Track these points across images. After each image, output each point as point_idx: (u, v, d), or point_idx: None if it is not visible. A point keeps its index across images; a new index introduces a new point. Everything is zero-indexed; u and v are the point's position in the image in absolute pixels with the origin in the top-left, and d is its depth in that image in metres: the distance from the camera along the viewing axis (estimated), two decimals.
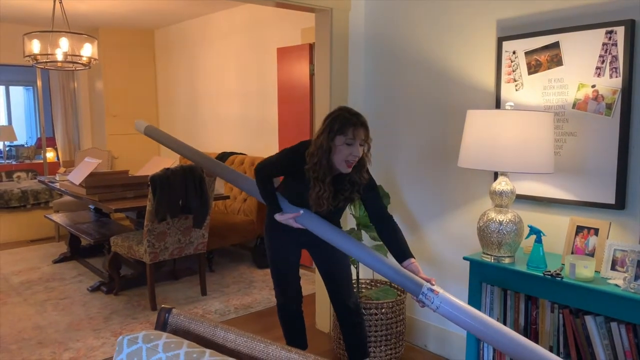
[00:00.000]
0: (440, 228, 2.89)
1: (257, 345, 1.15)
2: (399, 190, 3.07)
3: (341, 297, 2.43)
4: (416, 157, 2.98)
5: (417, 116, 2.95)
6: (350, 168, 2.05)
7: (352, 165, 2.05)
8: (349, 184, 2.13)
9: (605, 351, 1.89)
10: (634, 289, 1.81)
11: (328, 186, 2.07)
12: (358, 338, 2.48)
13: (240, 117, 5.51)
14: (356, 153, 2.02)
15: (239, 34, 5.39)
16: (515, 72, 2.45)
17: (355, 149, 2.01)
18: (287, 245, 2.37)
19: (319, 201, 2.09)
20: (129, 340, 1.14)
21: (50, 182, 5.03)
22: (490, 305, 2.26)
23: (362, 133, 2.02)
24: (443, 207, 2.86)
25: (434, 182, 2.89)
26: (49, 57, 4.38)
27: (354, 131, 2.01)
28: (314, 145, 2.08)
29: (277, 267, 2.43)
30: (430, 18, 2.83)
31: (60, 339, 3.18)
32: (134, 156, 6.52)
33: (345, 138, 2.01)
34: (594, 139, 2.19)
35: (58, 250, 5.16)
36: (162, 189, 3.48)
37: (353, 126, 2.01)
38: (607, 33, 2.11)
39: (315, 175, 2.07)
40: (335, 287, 2.43)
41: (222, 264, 4.76)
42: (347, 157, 2.02)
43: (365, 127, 2.05)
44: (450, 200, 2.81)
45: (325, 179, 2.06)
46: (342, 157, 2.02)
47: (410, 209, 3.04)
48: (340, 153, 2.02)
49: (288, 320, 2.54)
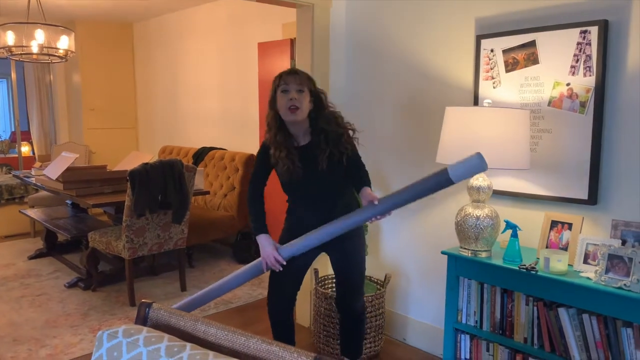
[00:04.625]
0: (419, 223, 2.93)
1: (238, 339, 1.16)
2: (378, 184, 3.10)
3: (348, 302, 2.40)
4: (395, 152, 3.01)
5: (397, 112, 2.98)
6: (293, 112, 2.07)
7: (296, 109, 2.07)
8: (322, 135, 2.13)
9: (577, 342, 1.95)
10: (605, 281, 1.87)
11: (291, 150, 2.12)
12: (355, 341, 2.47)
13: (220, 112, 5.47)
14: (292, 96, 2.06)
15: (220, 28, 5.35)
16: (493, 69, 2.49)
17: (292, 93, 2.07)
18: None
19: (292, 169, 2.12)
20: (109, 334, 1.14)
21: (25, 177, 4.93)
22: (467, 298, 2.31)
23: (293, 78, 2.09)
24: (421, 202, 2.87)
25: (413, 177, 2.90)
26: (23, 49, 4.29)
27: (285, 78, 2.10)
28: (266, 119, 2.20)
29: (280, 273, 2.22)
30: (411, 15, 2.86)
31: (36, 336, 3.13)
32: (112, 151, 6.43)
33: (280, 88, 2.09)
34: (568, 136, 2.24)
35: (33, 247, 5.07)
36: (141, 184, 3.45)
37: (282, 75, 2.11)
38: (582, 33, 2.16)
39: (275, 145, 2.13)
40: (345, 290, 2.39)
41: (202, 260, 4.74)
42: (287, 103, 2.07)
43: (296, 73, 2.12)
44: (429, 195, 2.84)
45: (284, 142, 2.13)
46: (284, 105, 2.08)
47: None
48: (281, 104, 2.09)
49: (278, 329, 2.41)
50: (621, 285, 1.83)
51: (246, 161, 4.79)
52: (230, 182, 4.87)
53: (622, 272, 1.84)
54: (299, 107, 2.07)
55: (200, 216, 4.59)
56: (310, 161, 2.14)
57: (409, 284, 3.03)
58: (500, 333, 2.21)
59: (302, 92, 2.08)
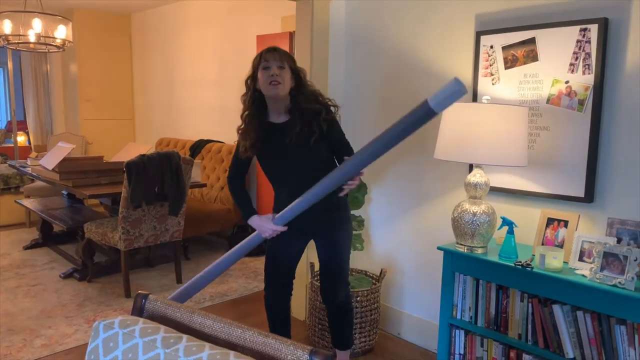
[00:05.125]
0: (416, 218, 2.93)
1: (235, 331, 1.16)
2: (375, 180, 3.10)
3: (331, 292, 2.39)
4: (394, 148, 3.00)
5: (395, 107, 2.97)
6: (275, 86, 2.07)
7: (278, 84, 2.07)
8: (298, 112, 2.13)
9: (571, 339, 1.96)
10: (600, 279, 1.88)
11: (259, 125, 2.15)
12: (343, 332, 2.48)
13: (218, 104, 5.46)
14: (274, 72, 2.06)
15: (218, 20, 5.33)
16: (492, 66, 2.49)
17: (273, 69, 2.07)
18: (289, 239, 2.26)
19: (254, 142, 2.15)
20: (105, 325, 1.13)
21: (21, 167, 4.90)
22: (462, 294, 2.31)
23: (273, 55, 2.09)
24: (419, 197, 2.90)
25: (411, 173, 2.93)
26: (20, 38, 4.26)
27: (265, 55, 2.10)
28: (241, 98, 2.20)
29: (273, 262, 2.35)
30: (411, 10, 2.85)
31: (31, 326, 3.13)
32: (108, 142, 6.41)
33: (261, 66, 2.10)
34: (566, 134, 2.24)
35: (29, 237, 5.06)
36: (137, 176, 3.44)
37: (264, 52, 2.11)
38: (582, 30, 2.16)
39: (245, 120, 2.18)
40: (328, 281, 2.38)
41: (198, 252, 4.74)
42: (268, 79, 2.07)
43: (276, 50, 2.11)
44: (426, 191, 2.86)
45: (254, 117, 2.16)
46: (265, 81, 2.08)
47: (386, 199, 3.08)
48: (262, 80, 2.09)
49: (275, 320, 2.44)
50: (616, 283, 1.83)
51: None
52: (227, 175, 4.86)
53: (617, 270, 1.85)
54: (280, 82, 2.08)
55: (197, 208, 4.59)
56: (283, 139, 2.15)
57: (405, 279, 3.04)
58: (494, 329, 2.22)
59: (282, 69, 2.09)
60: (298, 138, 2.12)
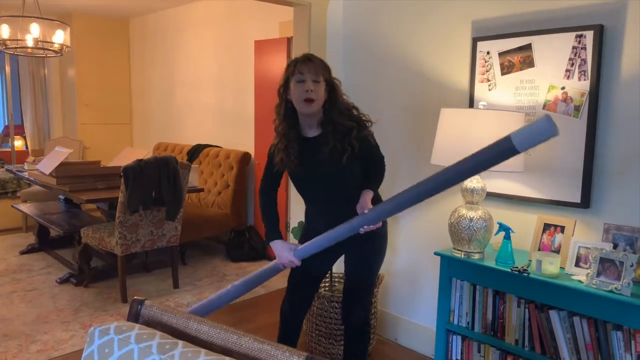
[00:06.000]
0: (413, 223, 2.94)
1: (230, 337, 1.15)
2: None
3: (352, 312, 2.24)
4: (391, 152, 3.00)
5: (392, 112, 2.98)
6: (309, 104, 1.93)
7: (311, 101, 1.93)
8: (330, 126, 1.99)
9: (568, 344, 1.96)
10: (596, 284, 1.88)
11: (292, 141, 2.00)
12: (357, 355, 2.32)
13: (216, 109, 5.46)
14: (308, 87, 1.92)
15: (217, 26, 5.34)
16: (489, 72, 2.50)
17: (307, 84, 1.92)
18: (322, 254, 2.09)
19: (286, 161, 2.01)
20: (100, 331, 1.13)
21: (18, 171, 4.89)
22: (459, 299, 2.31)
23: (308, 67, 1.94)
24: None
25: (408, 177, 2.93)
26: (18, 43, 4.26)
27: (300, 67, 1.95)
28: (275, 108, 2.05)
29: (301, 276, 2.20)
30: (407, 16, 2.86)
31: (27, 331, 3.12)
32: (106, 146, 6.40)
33: (295, 77, 1.95)
34: (562, 140, 2.25)
35: (25, 241, 5.04)
36: (134, 180, 3.44)
37: (297, 63, 1.96)
38: (577, 37, 2.17)
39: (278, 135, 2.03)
40: (351, 299, 2.24)
41: (195, 257, 4.73)
42: (302, 95, 1.93)
43: (312, 60, 1.96)
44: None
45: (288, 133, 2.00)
46: (299, 97, 1.94)
47: None
48: (295, 95, 1.95)
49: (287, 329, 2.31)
50: (612, 289, 1.84)
51: (241, 159, 4.79)
52: (224, 180, 4.86)
53: (613, 276, 1.86)
54: (315, 99, 1.93)
55: (194, 213, 4.58)
56: (314, 154, 2.01)
57: (402, 284, 3.03)
58: (491, 334, 2.22)
59: (317, 83, 1.94)
60: (331, 155, 1.98)
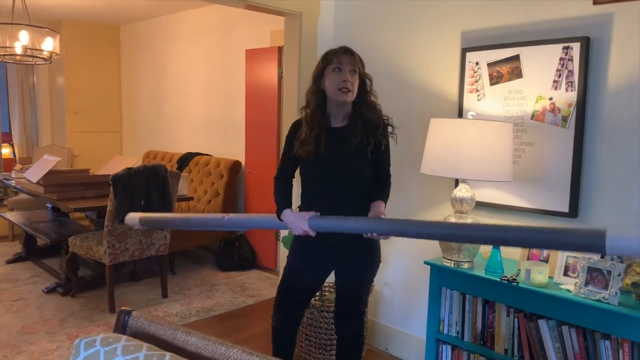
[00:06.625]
0: None
1: (218, 349, 1.14)
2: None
3: (344, 324, 2.23)
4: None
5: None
6: (346, 94, 1.95)
7: (348, 92, 1.95)
8: (360, 120, 2.01)
9: (557, 354, 1.97)
10: (584, 294, 1.89)
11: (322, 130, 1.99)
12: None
13: (206, 118, 5.45)
14: (345, 78, 1.95)
15: (208, 34, 5.34)
16: (477, 82, 2.52)
17: (345, 74, 1.96)
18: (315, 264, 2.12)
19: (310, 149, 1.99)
20: (86, 343, 1.12)
21: (5, 179, 4.84)
22: (449, 309, 2.32)
23: (347, 58, 1.98)
24: (406, 212, 2.91)
25: (398, 187, 2.93)
26: (7, 50, 4.23)
27: (338, 57, 1.98)
28: (307, 94, 2.08)
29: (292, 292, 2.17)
30: (398, 27, 2.89)
31: (12, 342, 3.07)
32: (95, 155, 6.35)
33: (332, 66, 1.98)
34: (550, 150, 2.27)
35: (12, 250, 4.97)
36: (123, 189, 3.41)
37: (336, 54, 2.00)
38: (564, 48, 2.20)
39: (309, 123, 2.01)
40: (343, 310, 2.22)
41: (184, 266, 4.69)
42: (339, 84, 1.96)
43: (351, 53, 2.00)
44: (413, 205, 2.87)
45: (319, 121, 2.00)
46: (334, 85, 1.97)
47: None
48: (331, 84, 1.98)
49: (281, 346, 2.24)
50: (600, 298, 1.85)
51: (231, 167, 4.77)
52: (214, 188, 4.84)
53: (601, 285, 1.87)
54: (351, 89, 1.96)
55: None
56: (339, 144, 2.01)
57: (392, 293, 3.03)
58: (481, 344, 2.22)
59: (355, 74, 1.98)
60: (357, 147, 2.00)
